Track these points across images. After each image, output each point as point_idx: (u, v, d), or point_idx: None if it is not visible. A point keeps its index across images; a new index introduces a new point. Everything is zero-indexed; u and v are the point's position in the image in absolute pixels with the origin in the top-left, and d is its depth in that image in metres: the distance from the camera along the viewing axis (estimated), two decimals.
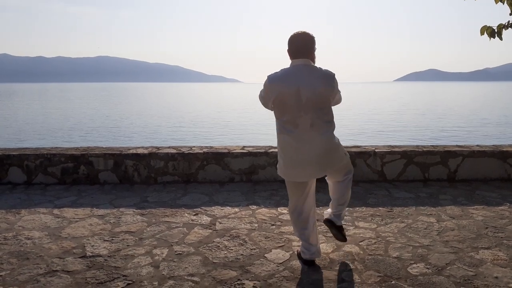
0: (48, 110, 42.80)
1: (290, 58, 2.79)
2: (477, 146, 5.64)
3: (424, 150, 5.33)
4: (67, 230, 3.65)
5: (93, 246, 3.30)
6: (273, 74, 2.78)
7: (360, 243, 3.34)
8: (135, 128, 26.21)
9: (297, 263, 3.00)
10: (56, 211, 4.15)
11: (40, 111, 40.35)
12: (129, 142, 19.86)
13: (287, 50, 2.80)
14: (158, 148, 5.59)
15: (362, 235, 3.51)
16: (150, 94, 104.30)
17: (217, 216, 4.01)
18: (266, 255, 3.13)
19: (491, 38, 3.17)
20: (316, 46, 2.80)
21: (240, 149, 5.42)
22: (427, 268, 2.91)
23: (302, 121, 2.69)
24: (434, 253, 3.15)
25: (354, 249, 3.24)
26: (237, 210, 4.18)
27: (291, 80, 2.69)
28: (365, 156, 5.19)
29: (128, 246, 3.31)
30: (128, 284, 2.71)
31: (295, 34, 2.77)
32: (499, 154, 5.27)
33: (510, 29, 3.18)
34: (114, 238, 3.46)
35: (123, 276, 2.81)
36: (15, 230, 3.65)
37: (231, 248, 3.27)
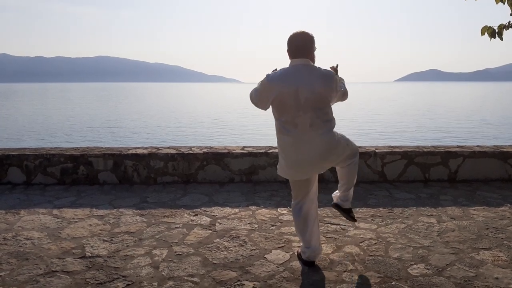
0: (47, 110, 42.81)
1: (289, 58, 2.78)
2: (477, 146, 5.63)
3: (424, 150, 5.32)
4: (67, 231, 3.64)
5: (92, 246, 3.29)
6: (272, 73, 2.76)
7: (360, 244, 3.33)
8: (135, 128, 26.21)
9: (297, 264, 2.99)
10: (55, 212, 4.15)
11: (39, 111, 40.35)
12: (128, 142, 19.86)
13: (287, 50, 2.79)
14: (158, 148, 5.58)
15: (362, 236, 3.50)
16: (150, 94, 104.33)
17: (217, 216, 4.00)
18: (266, 256, 3.12)
19: (492, 39, 3.16)
20: (316, 46, 2.79)
21: (240, 149, 5.41)
22: (428, 269, 2.90)
23: (301, 121, 2.68)
24: (435, 254, 3.14)
25: (354, 249, 3.23)
26: (237, 210, 4.17)
27: (290, 80, 2.68)
28: (365, 156, 5.18)
29: (127, 246, 3.30)
30: (127, 284, 2.70)
31: (294, 34, 2.76)
32: (500, 155, 5.26)
33: (510, 29, 3.17)
34: (113, 239, 3.45)
35: (123, 276, 2.80)
36: (15, 231, 3.64)
37: (231, 248, 3.26)
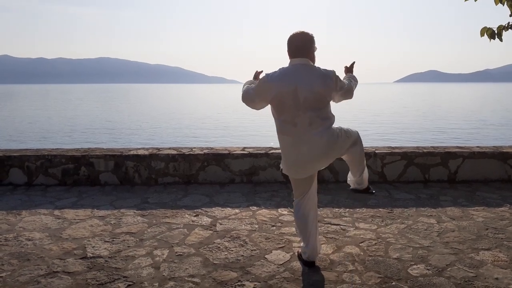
0: (49, 111, 42.84)
1: (289, 57, 2.80)
2: (477, 147, 5.64)
3: (424, 151, 5.33)
4: (68, 231, 3.65)
5: (93, 247, 3.31)
6: (271, 72, 2.77)
7: (360, 244, 3.34)
8: (136, 129, 26.23)
9: (297, 264, 3.00)
10: (56, 212, 4.16)
11: (41, 113, 40.39)
12: (129, 143, 19.87)
13: (287, 50, 2.80)
14: (159, 149, 5.59)
15: (362, 236, 3.51)
16: (150, 95, 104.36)
17: (217, 217, 4.01)
18: (266, 256, 3.13)
19: (491, 40, 3.16)
20: (316, 46, 2.80)
21: (240, 150, 5.42)
22: (428, 269, 2.91)
23: (301, 120, 2.69)
24: (435, 254, 3.15)
25: (354, 250, 3.24)
26: (237, 211, 4.18)
27: (289, 79, 2.69)
28: (365, 157, 5.18)
29: (128, 247, 3.31)
30: (128, 285, 2.71)
31: (294, 34, 2.78)
32: (500, 155, 5.27)
33: (510, 30, 3.18)
34: (114, 239, 3.46)
35: (124, 277, 2.81)
36: (16, 231, 3.65)
37: (232, 249, 3.27)
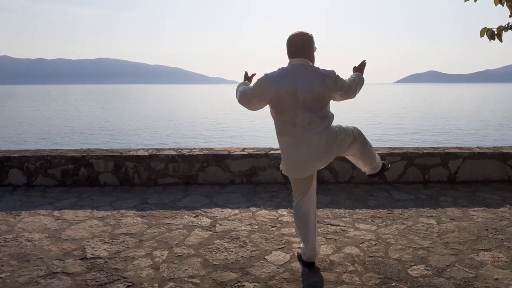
0: (48, 112, 42.84)
1: (288, 57, 2.80)
2: (477, 147, 5.64)
3: (424, 152, 5.33)
4: (67, 232, 3.65)
5: (93, 248, 3.30)
6: (270, 72, 2.77)
7: (360, 245, 3.34)
8: (135, 130, 26.23)
9: (297, 265, 3.00)
10: (56, 213, 4.15)
11: (40, 113, 40.38)
12: (129, 144, 19.87)
13: (286, 50, 2.80)
14: (159, 150, 5.58)
15: (362, 237, 3.51)
16: (150, 96, 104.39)
17: (217, 218, 4.01)
18: (266, 257, 3.13)
19: (491, 40, 3.16)
20: (315, 46, 2.80)
21: (240, 150, 5.41)
22: (428, 270, 2.91)
23: (300, 120, 2.69)
24: (435, 255, 3.15)
25: (354, 251, 3.23)
26: (237, 212, 4.18)
27: (289, 79, 2.69)
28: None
29: (128, 248, 3.31)
30: (128, 286, 2.71)
31: (293, 34, 2.78)
32: (499, 156, 5.27)
33: (510, 31, 3.18)
34: (114, 240, 3.46)
35: (123, 278, 2.81)
36: (15, 232, 3.65)
37: (231, 250, 3.27)
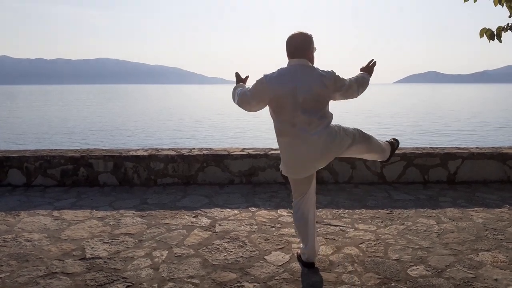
0: (48, 112, 42.82)
1: (287, 58, 2.80)
2: (476, 148, 5.64)
3: (423, 152, 5.33)
4: (67, 232, 3.65)
5: (92, 248, 3.30)
6: (270, 73, 2.77)
7: (359, 245, 3.34)
8: (135, 130, 26.22)
9: (296, 265, 3.00)
10: (55, 213, 4.15)
11: (40, 113, 40.36)
12: (128, 144, 19.86)
13: (285, 50, 2.80)
14: (158, 150, 5.58)
15: (361, 237, 3.51)
16: (150, 96, 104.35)
17: (216, 218, 4.01)
18: (265, 257, 3.13)
19: (491, 41, 3.17)
20: (315, 46, 2.80)
21: (239, 151, 5.41)
22: (427, 270, 2.91)
23: (299, 120, 2.69)
24: (434, 255, 3.15)
25: (353, 251, 3.23)
26: (236, 212, 4.18)
27: (288, 80, 2.69)
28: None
29: (127, 248, 3.30)
30: (127, 286, 2.70)
31: (293, 35, 2.78)
32: (499, 156, 5.27)
33: (509, 31, 3.18)
34: (113, 240, 3.45)
35: (123, 278, 2.81)
36: (15, 232, 3.64)
37: (231, 250, 3.26)
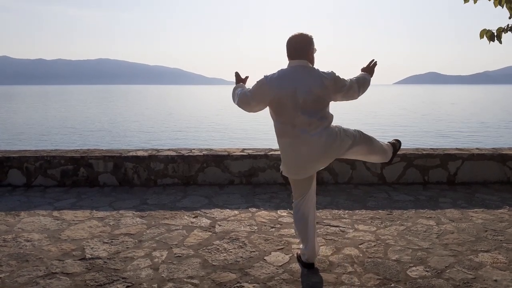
0: (48, 112, 42.83)
1: (288, 59, 2.80)
2: (476, 149, 5.64)
3: (423, 153, 5.33)
4: (67, 232, 3.65)
5: (92, 248, 3.30)
6: (270, 74, 2.77)
7: (359, 246, 3.34)
8: (135, 130, 26.23)
9: (296, 266, 3.00)
10: (55, 213, 4.15)
11: (40, 114, 40.37)
12: (129, 144, 19.87)
13: (286, 51, 2.81)
14: (158, 150, 5.58)
15: (361, 238, 3.51)
16: (150, 96, 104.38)
17: (216, 218, 4.01)
18: (265, 258, 3.13)
19: (491, 42, 3.17)
20: (315, 48, 2.80)
21: (240, 151, 5.41)
22: (427, 271, 2.91)
23: (300, 121, 2.69)
24: (434, 256, 3.15)
25: (353, 252, 3.24)
26: (236, 212, 4.18)
27: (288, 81, 2.70)
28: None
29: (127, 248, 3.30)
30: (127, 286, 2.70)
31: (293, 36, 2.79)
32: (499, 157, 5.27)
33: (509, 32, 3.19)
34: (113, 241, 3.46)
35: (123, 278, 2.81)
36: (15, 232, 3.65)
37: (231, 250, 3.27)
